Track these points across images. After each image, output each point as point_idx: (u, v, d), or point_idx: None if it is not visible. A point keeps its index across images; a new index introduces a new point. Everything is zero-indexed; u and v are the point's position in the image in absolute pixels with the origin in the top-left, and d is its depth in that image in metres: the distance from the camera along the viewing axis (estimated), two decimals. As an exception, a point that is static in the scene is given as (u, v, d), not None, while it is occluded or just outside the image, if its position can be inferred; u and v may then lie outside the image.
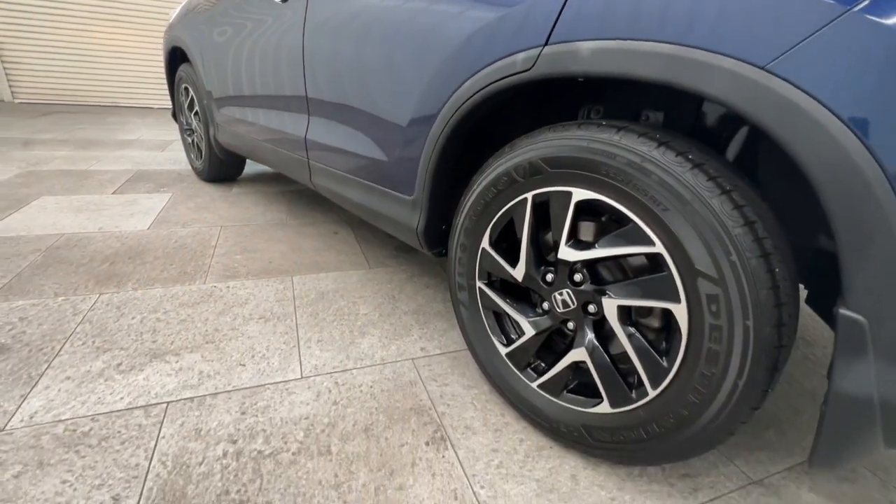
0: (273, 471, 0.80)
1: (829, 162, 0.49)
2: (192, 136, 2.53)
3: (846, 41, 0.47)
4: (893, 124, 0.45)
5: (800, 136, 0.50)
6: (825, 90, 0.48)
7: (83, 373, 1.00)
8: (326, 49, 1.25)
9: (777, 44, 0.50)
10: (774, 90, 0.51)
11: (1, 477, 0.75)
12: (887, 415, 0.52)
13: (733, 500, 0.82)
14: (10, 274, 1.39)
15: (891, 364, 0.50)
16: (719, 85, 0.55)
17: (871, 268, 0.49)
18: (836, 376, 0.54)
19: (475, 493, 0.80)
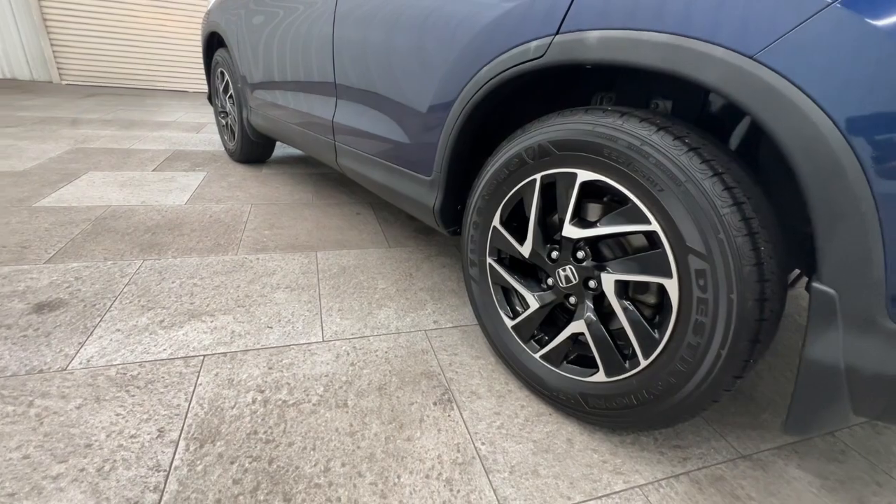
0: (295, 418, 0.90)
1: (807, 146, 0.53)
2: (227, 118, 2.66)
3: (826, 33, 0.50)
4: (868, 114, 0.49)
5: (783, 121, 0.55)
6: (807, 79, 0.52)
7: (130, 326, 1.12)
8: (355, 36, 1.32)
9: (764, 35, 0.55)
10: (761, 78, 0.55)
11: (65, 407, 0.87)
12: (853, 382, 0.57)
13: (719, 471, 0.87)
14: (65, 239, 1.53)
15: (856, 334, 0.55)
16: (712, 73, 0.59)
17: (842, 244, 0.54)
18: (807, 345, 0.59)
19: (476, 448, 0.87)
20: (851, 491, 0.86)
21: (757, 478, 0.87)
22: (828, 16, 0.50)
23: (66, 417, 0.84)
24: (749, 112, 0.58)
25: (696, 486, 0.84)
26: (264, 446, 0.83)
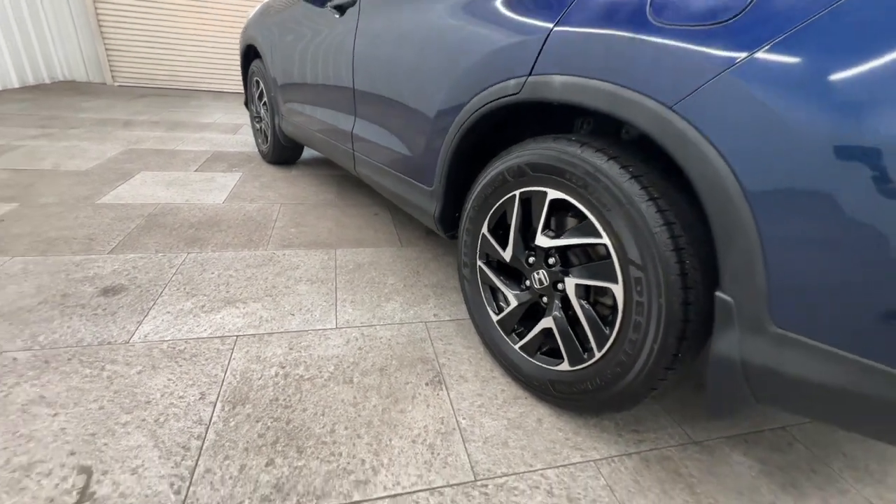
0: (310, 389, 1.08)
1: (707, 181, 0.66)
2: (260, 123, 2.90)
3: (722, 93, 0.63)
4: (750, 154, 0.62)
5: (690, 160, 0.68)
6: (708, 127, 0.65)
7: (178, 310, 1.34)
8: (369, 62, 1.49)
9: (680, 90, 0.68)
10: (675, 124, 0.68)
11: (129, 372, 1.08)
12: (748, 374, 0.69)
13: (668, 452, 1.00)
14: (123, 233, 1.78)
15: (748, 333, 0.67)
16: (642, 117, 0.73)
17: (735, 262, 0.66)
18: (713, 342, 0.72)
19: (457, 421, 1.03)
20: (787, 476, 0.98)
21: (702, 460, 0.99)
22: (723, 80, 0.63)
23: (130, 380, 1.06)
24: (667, 151, 0.71)
25: (644, 464, 0.97)
26: (283, 410, 1.01)
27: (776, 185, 0.60)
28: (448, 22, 1.15)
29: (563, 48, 0.84)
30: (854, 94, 0.53)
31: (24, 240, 1.66)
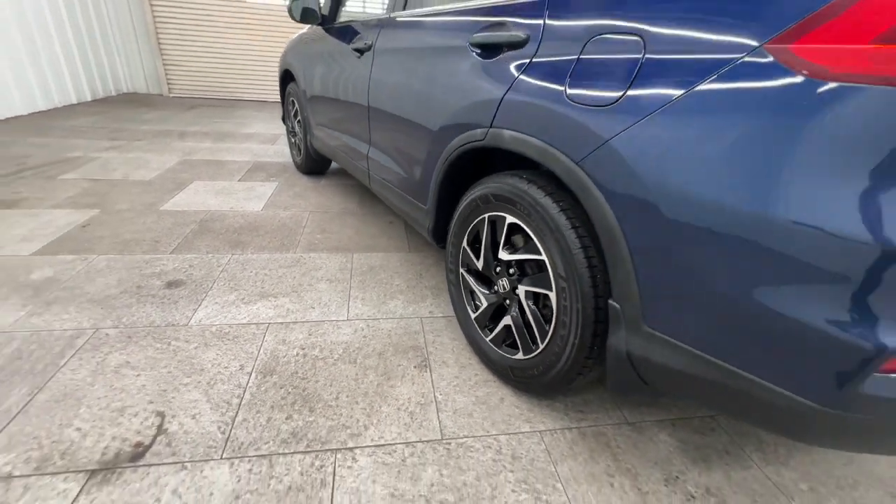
0: (322, 366, 1.38)
1: (597, 215, 0.90)
2: (295, 137, 3.26)
3: (606, 154, 0.87)
4: (622, 198, 0.85)
5: (587, 199, 0.92)
6: (597, 177, 0.89)
7: (223, 301, 1.67)
8: (381, 98, 1.78)
9: (583, 152, 0.92)
10: (579, 175, 0.92)
11: (188, 347, 1.41)
12: (632, 361, 0.93)
13: (604, 429, 1.23)
14: (181, 236, 2.15)
15: (630, 331, 0.91)
16: (559, 169, 0.97)
17: (619, 278, 0.90)
18: (609, 338, 0.96)
19: (435, 396, 1.30)
20: (700, 453, 1.19)
21: (630, 437, 1.22)
22: (607, 146, 0.87)
23: (189, 353, 1.39)
24: (575, 195, 0.95)
25: (580, 436, 1.21)
26: (301, 381, 1.32)
27: (639, 222, 0.84)
28: (436, 78, 1.42)
29: (511, 111, 1.10)
30: (671, 156, 0.77)
31: (106, 240, 2.06)
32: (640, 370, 0.93)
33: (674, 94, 0.77)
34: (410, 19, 1.66)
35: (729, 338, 0.77)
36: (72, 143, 3.62)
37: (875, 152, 0.61)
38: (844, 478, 1.15)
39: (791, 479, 1.13)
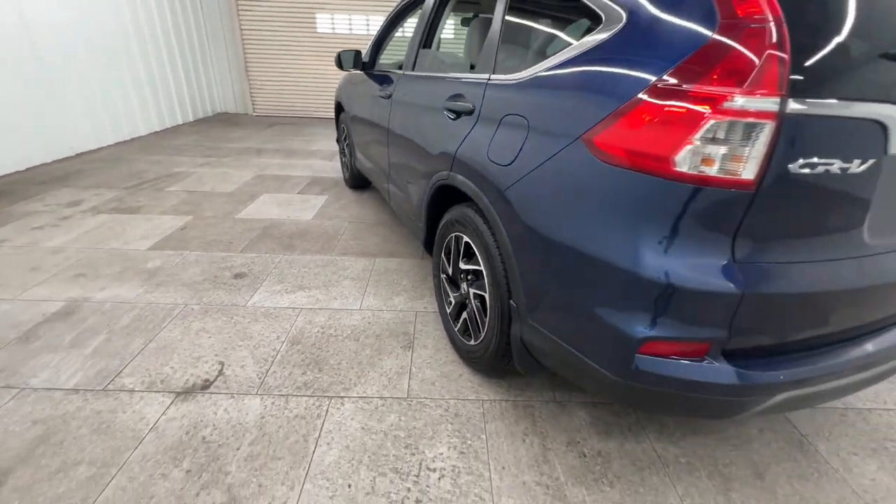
0: (333, 342, 1.87)
1: (502, 241, 1.28)
2: (344, 157, 3.86)
3: (505, 198, 1.25)
4: (514, 231, 1.23)
5: (497, 230, 1.30)
6: (501, 214, 1.27)
7: (272, 290, 2.23)
8: (394, 137, 2.25)
9: (493, 195, 1.30)
10: (492, 211, 1.31)
11: (244, 321, 1.97)
12: (526, 346, 1.29)
13: (533, 403, 1.59)
14: (248, 240, 2.78)
15: (522, 324, 1.28)
16: (482, 206, 1.36)
17: (513, 283, 1.27)
18: (511, 328, 1.33)
19: (410, 368, 1.73)
20: (607, 427, 1.50)
21: (553, 411, 1.56)
22: (506, 194, 1.25)
23: (244, 326, 1.95)
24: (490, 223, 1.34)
25: (513, 406, 1.57)
26: (316, 350, 1.81)
27: (520, 247, 1.21)
28: (425, 129, 1.86)
29: (461, 161, 1.50)
30: (535, 203, 1.14)
31: (196, 240, 2.73)
32: (531, 352, 1.30)
33: (539, 161, 1.15)
34: (415, 77, 2.11)
35: (570, 329, 1.13)
36: (176, 160, 4.53)
37: (635, 213, 0.95)
38: (723, 458, 1.41)
39: (674, 454, 1.41)
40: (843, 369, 1.03)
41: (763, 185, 0.83)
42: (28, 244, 2.60)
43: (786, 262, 0.92)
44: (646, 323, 0.96)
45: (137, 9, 5.51)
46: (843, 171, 0.84)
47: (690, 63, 0.85)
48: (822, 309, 0.99)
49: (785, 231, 0.91)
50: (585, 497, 1.26)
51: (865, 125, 0.83)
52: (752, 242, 0.90)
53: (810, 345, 1.04)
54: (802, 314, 0.98)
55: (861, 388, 1.17)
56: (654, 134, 0.89)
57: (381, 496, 1.23)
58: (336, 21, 7.14)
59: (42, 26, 4.14)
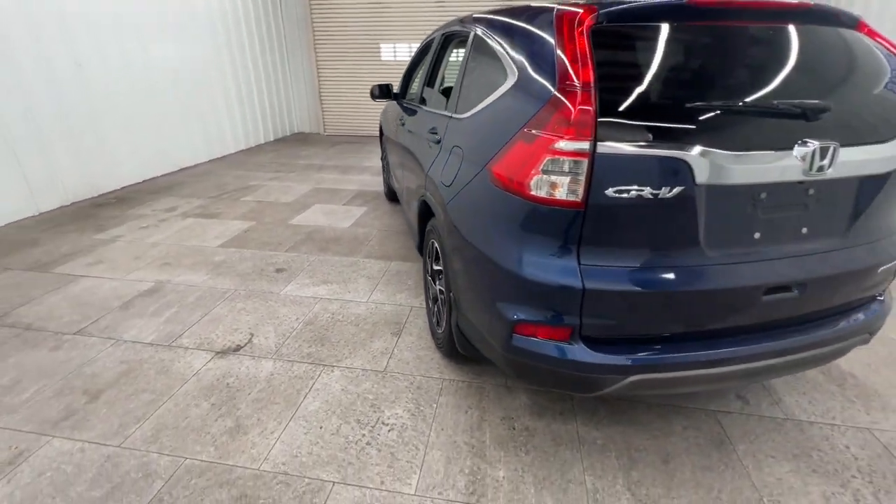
0: (339, 325, 2.30)
1: (445, 246, 1.62)
2: (384, 173, 4.37)
3: (447, 211, 1.59)
4: (449, 238, 1.56)
5: (442, 236, 1.64)
6: (445, 224, 1.61)
7: (303, 283, 2.74)
8: (404, 156, 2.67)
9: (441, 209, 1.65)
10: (441, 221, 1.65)
11: (275, 305, 2.48)
12: (461, 332, 1.60)
13: (486, 386, 1.87)
14: (293, 242, 3.35)
15: (457, 313, 1.59)
16: (437, 217, 1.71)
17: (449, 279, 1.60)
18: (451, 317, 1.65)
19: (392, 351, 2.10)
20: (542, 410, 1.74)
21: (500, 393, 1.84)
22: (447, 208, 1.59)
23: (275, 308, 2.45)
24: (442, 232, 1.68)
25: (467, 386, 1.87)
26: (324, 331, 2.25)
27: (452, 250, 1.54)
28: (417, 153, 2.25)
29: (429, 180, 1.86)
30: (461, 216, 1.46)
31: (254, 241, 3.36)
32: (465, 336, 1.61)
33: (466, 182, 1.48)
34: (418, 109, 2.52)
35: (480, 315, 1.43)
36: (253, 175, 5.38)
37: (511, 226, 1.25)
38: (637, 444, 1.59)
39: (593, 437, 1.63)
40: (692, 364, 1.22)
41: (589, 204, 1.10)
42: (135, 239, 3.39)
43: (625, 266, 1.16)
44: (518, 310, 1.25)
45: (232, 46, 6.59)
46: (655, 196, 1.08)
47: (539, 115, 1.15)
48: (665, 307, 1.20)
49: (619, 240, 1.15)
50: (502, 458, 1.54)
51: (669, 161, 1.06)
52: (593, 249, 1.16)
53: (667, 338, 1.25)
54: (645, 309, 1.20)
55: (714, 385, 1.33)
56: (519, 165, 1.19)
57: (341, 437, 1.61)
58: (397, 50, 7.85)
59: (159, 67, 5.21)
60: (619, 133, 1.06)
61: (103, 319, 2.33)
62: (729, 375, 1.28)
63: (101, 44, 4.42)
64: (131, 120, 4.84)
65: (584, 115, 1.06)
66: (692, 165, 1.06)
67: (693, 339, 1.26)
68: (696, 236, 1.15)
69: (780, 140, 1.11)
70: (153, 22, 5.07)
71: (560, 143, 1.08)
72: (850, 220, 1.27)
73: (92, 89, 4.35)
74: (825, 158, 1.10)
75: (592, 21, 1.15)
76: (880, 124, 1.21)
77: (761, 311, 1.25)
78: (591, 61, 1.09)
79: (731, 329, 1.28)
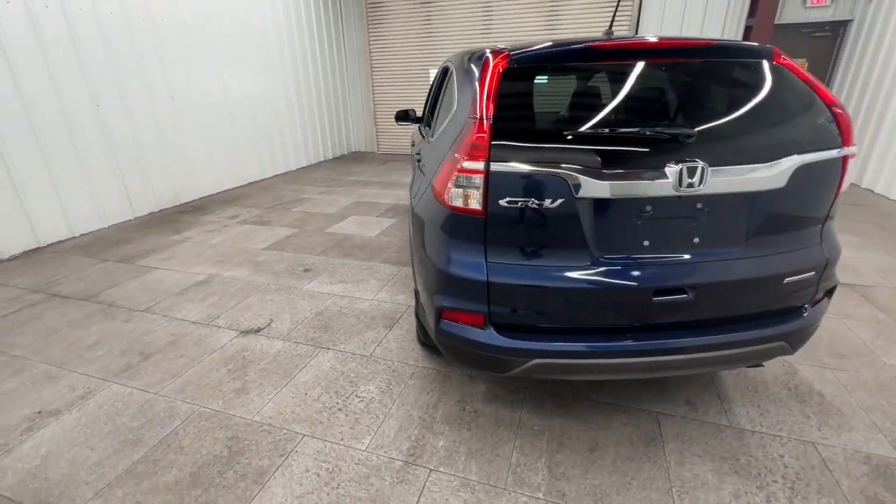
0: (343, 317, 2.67)
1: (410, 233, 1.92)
2: (414, 189, 4.77)
3: (413, 210, 1.90)
4: (414, 236, 1.86)
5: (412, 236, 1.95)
6: (414, 223, 1.92)
7: (323, 281, 3.16)
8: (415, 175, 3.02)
9: (411, 209, 1.96)
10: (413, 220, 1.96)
11: (297, 298, 2.92)
12: (420, 321, 1.88)
13: (451, 374, 2.12)
14: (325, 247, 3.83)
15: (417, 302, 1.88)
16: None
17: (419, 275, 1.89)
18: (416, 307, 1.93)
19: (381, 340, 2.42)
20: (494, 397, 1.96)
21: (463, 381, 2.08)
22: (413, 207, 1.90)
23: (295, 301, 2.89)
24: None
25: (436, 373, 2.13)
26: (329, 320, 2.63)
27: (413, 247, 1.84)
28: (416, 169, 2.59)
29: (412, 191, 2.18)
30: (421, 213, 1.77)
31: (293, 245, 3.88)
32: (421, 324, 1.89)
33: (421, 194, 1.78)
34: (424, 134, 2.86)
35: (425, 305, 1.71)
36: (306, 189, 6.06)
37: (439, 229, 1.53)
38: (571, 432, 1.75)
39: (533, 423, 1.81)
40: (589, 353, 1.40)
41: (489, 212, 1.35)
42: (201, 241, 4.06)
43: (522, 264, 1.39)
44: (444, 298, 1.52)
45: (299, 76, 7.47)
46: (541, 206, 1.31)
47: (457, 138, 1.43)
48: (557, 300, 1.40)
49: (517, 242, 1.39)
50: (446, 431, 1.78)
51: (550, 178, 1.29)
52: (497, 248, 1.40)
53: (568, 329, 1.44)
54: (541, 301, 1.41)
55: (613, 375, 1.48)
56: (444, 180, 1.47)
57: (319, 403, 1.95)
58: (446, 73, 8.37)
59: (236, 96, 6.10)
60: (510, 155, 1.31)
61: (164, 302, 2.90)
62: (626, 367, 1.44)
63: (191, 78, 5.33)
64: (210, 141, 5.72)
65: (481, 141, 1.32)
66: (570, 182, 1.28)
67: (592, 331, 1.44)
68: (583, 241, 1.35)
69: (655, 161, 1.29)
70: (234, 57, 5.98)
71: (464, 162, 1.35)
72: (747, 233, 1.39)
73: (180, 116, 5.25)
74: (694, 176, 1.26)
75: (505, 64, 1.42)
76: (769, 146, 1.33)
77: (655, 311, 1.40)
78: (494, 97, 1.36)
79: (628, 325, 1.44)
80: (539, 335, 1.44)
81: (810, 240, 1.46)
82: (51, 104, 3.89)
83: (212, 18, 5.55)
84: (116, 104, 4.47)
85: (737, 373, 2.08)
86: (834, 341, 2.33)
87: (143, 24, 4.67)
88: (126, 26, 4.49)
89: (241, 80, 6.14)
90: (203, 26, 5.43)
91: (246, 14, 6.09)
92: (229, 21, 5.82)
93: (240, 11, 5.98)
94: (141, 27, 4.65)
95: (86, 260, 3.62)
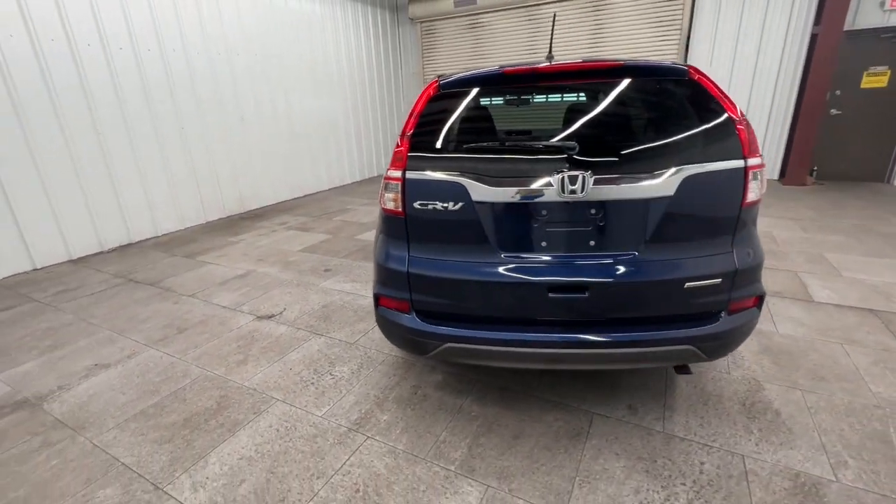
0: (343, 310, 3.02)
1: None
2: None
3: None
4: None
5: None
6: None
7: (337, 280, 3.56)
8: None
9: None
10: (380, 231, 2.26)
11: (311, 293, 3.33)
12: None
13: (417, 364, 2.35)
14: (349, 251, 4.25)
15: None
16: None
17: (379, 273, 2.17)
18: (380, 300, 2.21)
19: (369, 332, 2.72)
20: (448, 385, 2.15)
21: (425, 370, 2.29)
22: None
23: (309, 295, 3.30)
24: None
25: (405, 362, 2.38)
26: (332, 313, 2.99)
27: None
28: None
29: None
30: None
31: (323, 248, 4.36)
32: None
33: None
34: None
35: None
36: (352, 201, 6.64)
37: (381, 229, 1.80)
38: (502, 421, 1.90)
39: (471, 411, 1.98)
40: (494, 341, 1.57)
41: (407, 213, 1.60)
42: (250, 242, 4.70)
43: (436, 258, 1.61)
44: (381, 287, 1.78)
45: (357, 97, 8.21)
46: (445, 208, 1.52)
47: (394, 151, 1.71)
48: (463, 290, 1.59)
49: (431, 239, 1.61)
50: (393, 409, 2.02)
51: (451, 185, 1.50)
52: (417, 244, 1.64)
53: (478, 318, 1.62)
54: (450, 291, 1.60)
55: (518, 363, 1.61)
56: (383, 186, 1.75)
57: (298, 377, 2.29)
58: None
59: (299, 116, 6.91)
60: (423, 164, 1.56)
61: (207, 290, 3.47)
62: (529, 356, 1.57)
63: (259, 101, 6.18)
64: (275, 157, 6.54)
65: (400, 153, 1.58)
66: (467, 188, 1.49)
67: (498, 321, 1.60)
68: (485, 240, 1.54)
69: (543, 170, 1.45)
70: (299, 81, 6.80)
71: (389, 171, 1.62)
72: (642, 239, 1.48)
73: (249, 135, 6.09)
74: (575, 184, 1.40)
75: (436, 88, 1.68)
76: (658, 157, 1.43)
77: (553, 307, 1.53)
78: (418, 115, 1.62)
79: (531, 318, 1.58)
80: (451, 322, 1.64)
81: (719, 247, 1.51)
82: (146, 126, 4.80)
83: (284, 51, 6.39)
84: (196, 125, 5.34)
85: (693, 384, 2.07)
86: (821, 364, 2.20)
87: (221, 61, 5.56)
88: (207, 64, 5.38)
89: (303, 102, 6.94)
90: (280, 57, 6.28)
91: (318, 47, 6.91)
92: (297, 52, 6.64)
93: (309, 45, 6.80)
94: (217, 59, 5.54)
95: (161, 254, 4.38)
